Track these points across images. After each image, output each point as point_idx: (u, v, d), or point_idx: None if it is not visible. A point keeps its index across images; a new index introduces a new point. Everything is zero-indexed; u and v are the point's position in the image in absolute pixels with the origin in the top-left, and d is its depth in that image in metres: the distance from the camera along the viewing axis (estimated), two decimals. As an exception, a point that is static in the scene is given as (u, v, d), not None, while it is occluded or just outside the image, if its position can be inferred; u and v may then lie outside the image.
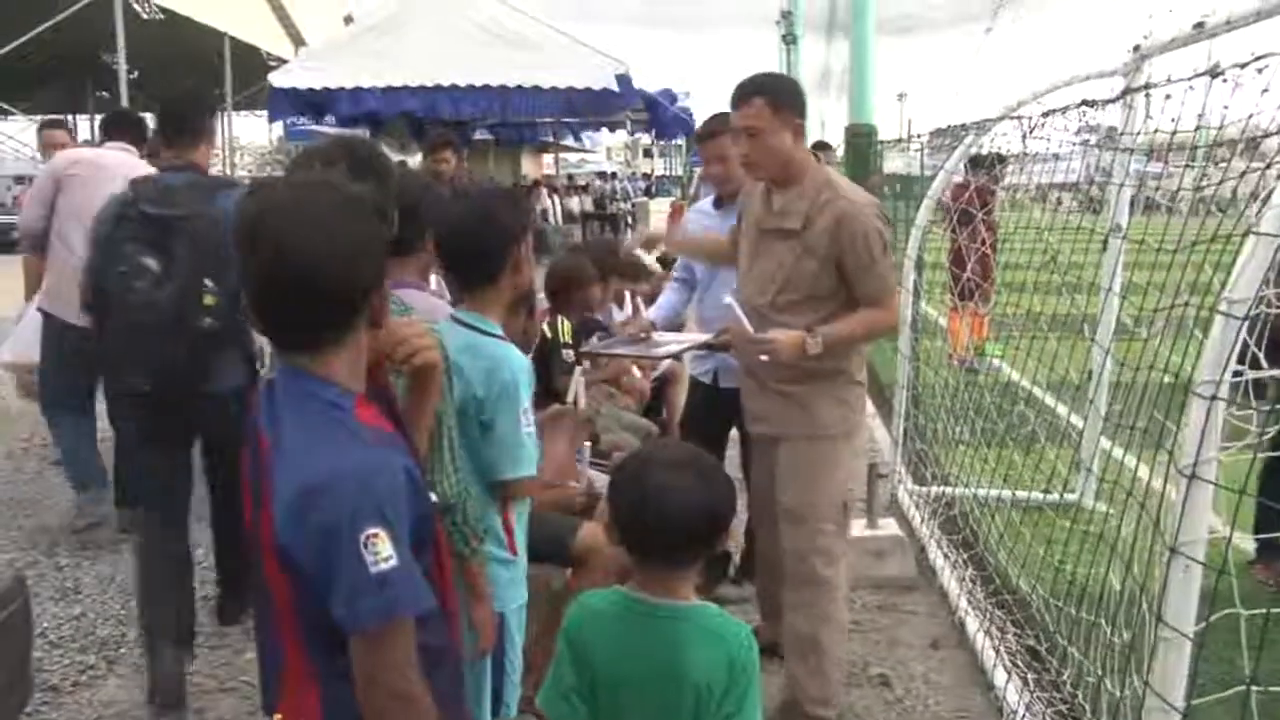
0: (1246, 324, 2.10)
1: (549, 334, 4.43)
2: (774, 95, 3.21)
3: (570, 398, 4.14)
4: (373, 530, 1.46)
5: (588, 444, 4.06)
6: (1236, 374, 2.13)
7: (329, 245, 1.49)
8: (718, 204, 4.27)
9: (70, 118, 23.72)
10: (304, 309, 1.53)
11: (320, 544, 1.46)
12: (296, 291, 1.51)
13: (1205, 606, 2.21)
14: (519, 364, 2.45)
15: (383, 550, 1.46)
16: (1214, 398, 2.11)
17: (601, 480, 3.85)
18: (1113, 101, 3.91)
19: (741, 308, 3.32)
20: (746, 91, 3.22)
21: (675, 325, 4.53)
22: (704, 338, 4.07)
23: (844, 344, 3.25)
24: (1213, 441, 2.11)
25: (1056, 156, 5.86)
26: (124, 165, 4.81)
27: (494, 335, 2.46)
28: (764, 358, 3.19)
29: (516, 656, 2.55)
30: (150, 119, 5.29)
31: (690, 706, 1.88)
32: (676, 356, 4.49)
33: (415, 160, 9.22)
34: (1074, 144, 4.88)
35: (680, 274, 4.45)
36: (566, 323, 4.59)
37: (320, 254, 1.48)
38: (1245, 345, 2.13)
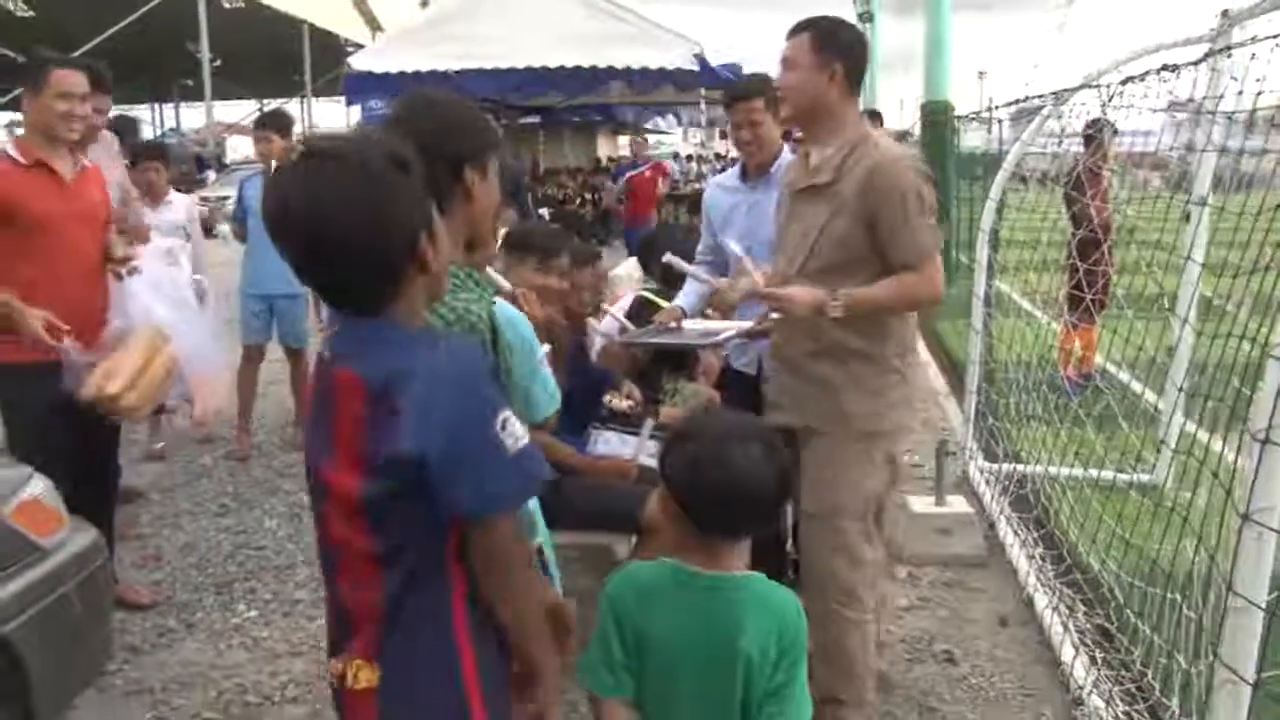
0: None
1: None
2: (819, 32, 2.94)
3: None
4: (506, 413, 1.55)
5: (650, 420, 4.05)
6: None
7: (355, 217, 1.50)
8: (744, 175, 3.91)
9: (155, 106, 24.39)
10: (350, 279, 1.57)
11: (463, 432, 1.51)
12: (337, 266, 1.54)
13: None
14: (521, 321, 2.40)
15: (517, 429, 1.56)
16: (1290, 361, 2.03)
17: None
18: (1194, 65, 3.76)
19: (752, 259, 3.07)
20: (798, 26, 3.00)
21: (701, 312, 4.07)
22: (745, 325, 3.63)
23: (872, 311, 2.90)
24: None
25: (1146, 133, 5.65)
26: None
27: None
28: (775, 315, 2.96)
29: None
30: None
31: (741, 675, 1.86)
32: (718, 345, 4.04)
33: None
34: (1157, 113, 4.69)
35: (706, 255, 4.06)
36: None
37: (350, 228, 1.50)
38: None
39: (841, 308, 2.81)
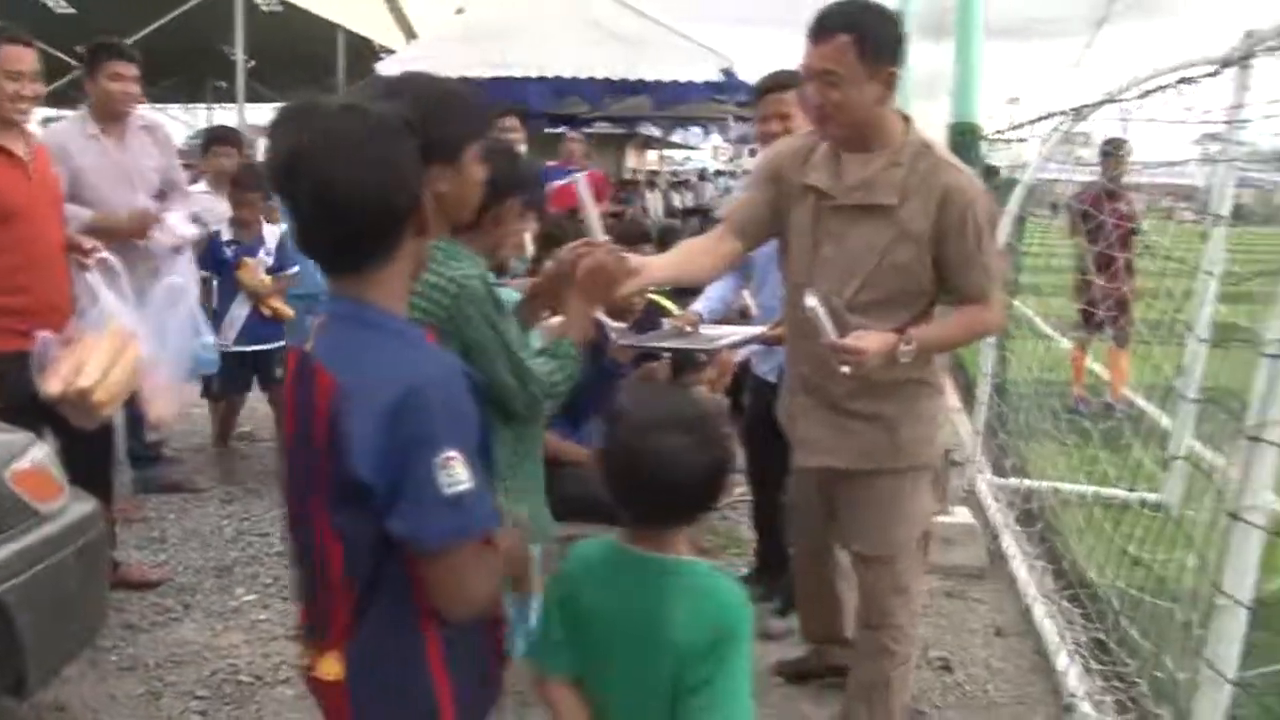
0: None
1: None
2: (863, 33, 2.47)
3: None
4: (450, 453, 1.47)
5: None
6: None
7: (365, 173, 1.50)
8: None
9: (188, 107, 24.65)
10: (351, 236, 1.54)
11: (398, 460, 1.47)
12: (341, 222, 1.52)
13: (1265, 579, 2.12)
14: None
15: (459, 474, 1.48)
16: (1281, 358, 2.02)
17: None
18: (1213, 75, 3.74)
19: (824, 308, 2.50)
20: (829, 24, 2.48)
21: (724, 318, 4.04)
22: (758, 330, 3.59)
23: (939, 351, 2.71)
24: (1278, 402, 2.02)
25: (1171, 163, 5.63)
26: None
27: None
28: (846, 369, 2.48)
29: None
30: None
31: (670, 665, 1.75)
32: (722, 350, 3.98)
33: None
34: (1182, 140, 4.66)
35: None
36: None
37: (359, 184, 1.49)
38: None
39: (913, 353, 2.52)
